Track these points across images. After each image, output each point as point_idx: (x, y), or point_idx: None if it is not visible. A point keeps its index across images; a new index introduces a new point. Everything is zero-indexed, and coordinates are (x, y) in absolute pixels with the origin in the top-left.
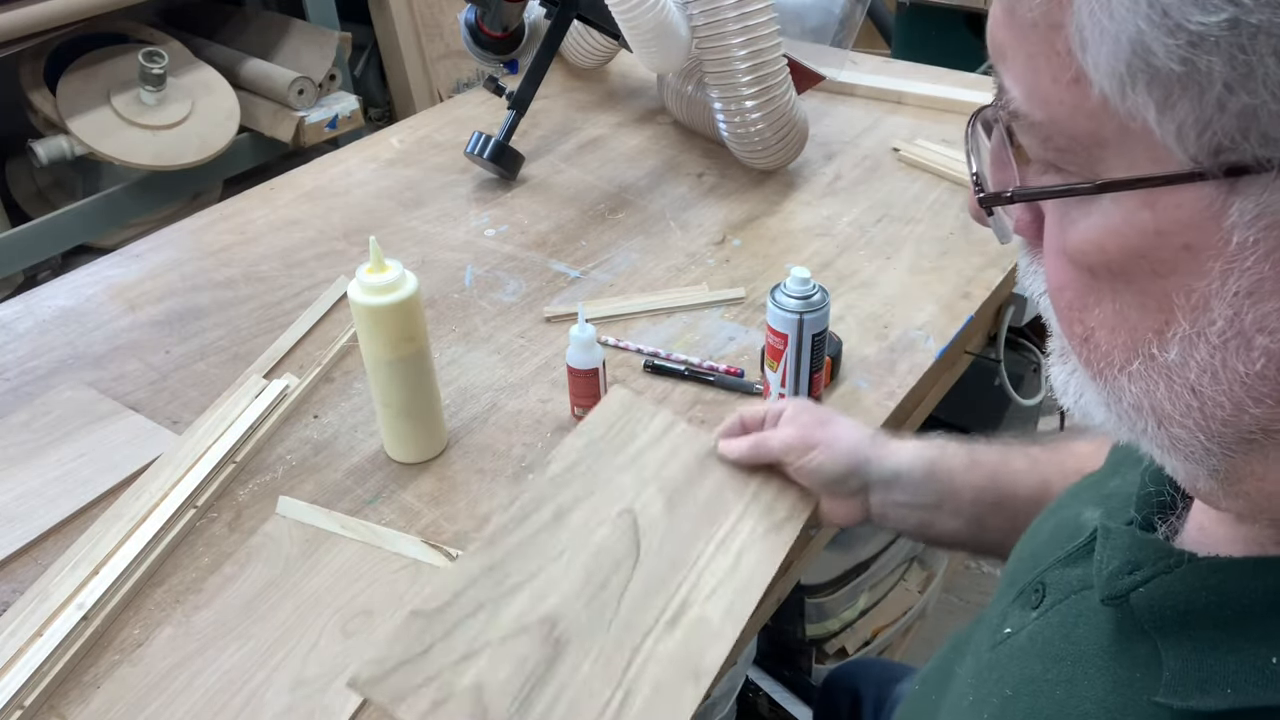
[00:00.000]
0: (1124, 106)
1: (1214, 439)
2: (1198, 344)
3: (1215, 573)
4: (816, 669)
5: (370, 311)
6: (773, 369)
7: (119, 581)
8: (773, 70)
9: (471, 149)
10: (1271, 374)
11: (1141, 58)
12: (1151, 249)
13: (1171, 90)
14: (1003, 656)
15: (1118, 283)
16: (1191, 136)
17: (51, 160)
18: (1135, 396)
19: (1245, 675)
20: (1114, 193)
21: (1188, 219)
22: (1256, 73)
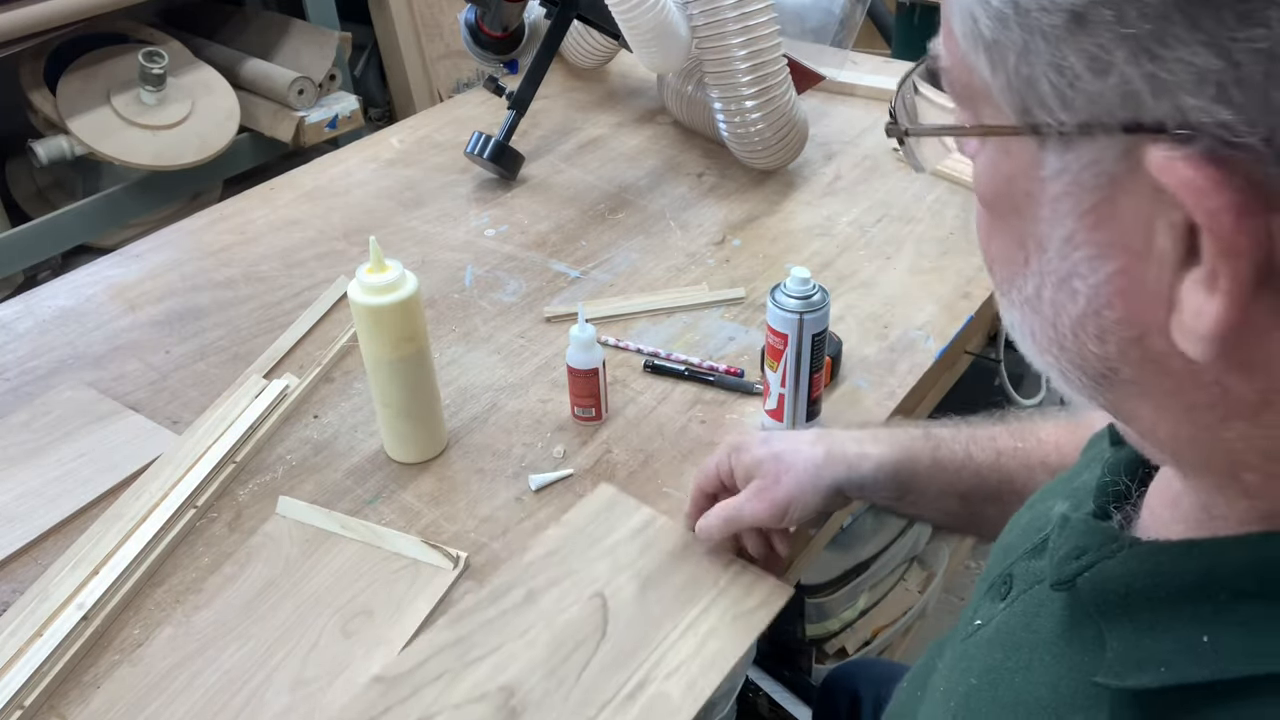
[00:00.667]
0: (974, 64)
1: (1079, 371)
2: (1045, 282)
3: (1152, 555)
4: (816, 669)
5: (370, 311)
6: (773, 369)
7: (119, 581)
8: (773, 70)
9: (471, 149)
10: (1091, 315)
11: (973, 24)
12: (1008, 191)
13: (993, 54)
14: (971, 647)
15: (999, 218)
16: (1009, 95)
17: (51, 160)
18: (1020, 323)
19: (1179, 654)
20: (982, 137)
21: (1023, 169)
22: (1032, 48)
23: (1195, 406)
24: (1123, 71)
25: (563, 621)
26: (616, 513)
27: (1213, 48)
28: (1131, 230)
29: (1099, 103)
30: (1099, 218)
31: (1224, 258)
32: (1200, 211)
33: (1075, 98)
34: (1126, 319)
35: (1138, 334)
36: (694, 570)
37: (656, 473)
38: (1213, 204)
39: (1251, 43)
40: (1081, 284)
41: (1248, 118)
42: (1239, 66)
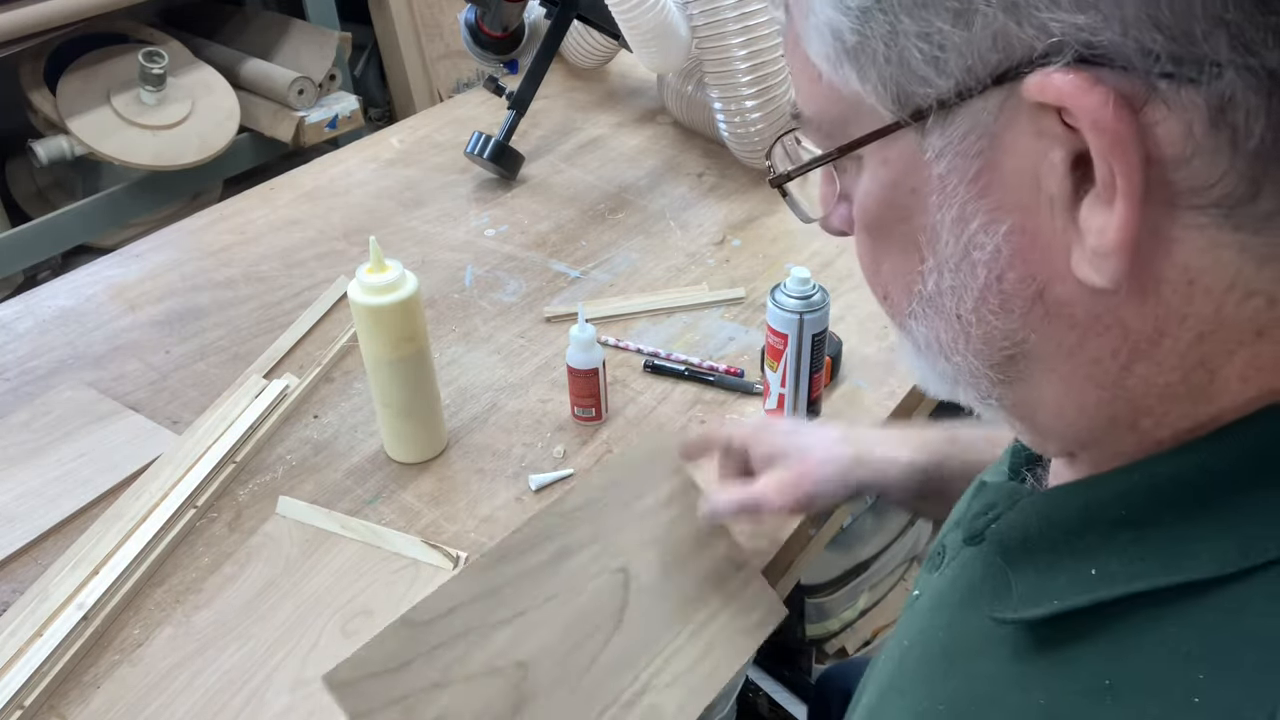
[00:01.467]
0: (842, 85)
1: (986, 362)
2: (943, 272)
3: (1044, 500)
4: (816, 669)
5: (370, 311)
6: (773, 369)
7: (119, 581)
8: (773, 70)
9: (471, 149)
10: (993, 284)
11: (837, 39)
12: (893, 198)
13: (859, 58)
14: (910, 617)
15: (885, 237)
16: (882, 92)
17: (51, 160)
18: (924, 336)
19: (1069, 587)
20: (867, 158)
21: (906, 165)
22: (897, 29)
23: (1099, 360)
24: (984, 11)
25: (587, 594)
26: (657, 469)
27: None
28: (1018, 185)
29: (970, 55)
30: (985, 183)
31: (1115, 153)
32: (1084, 113)
33: (947, 59)
34: (1027, 275)
35: (1039, 288)
36: (711, 565)
37: None
38: (1093, 101)
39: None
40: (980, 254)
41: (1100, 16)
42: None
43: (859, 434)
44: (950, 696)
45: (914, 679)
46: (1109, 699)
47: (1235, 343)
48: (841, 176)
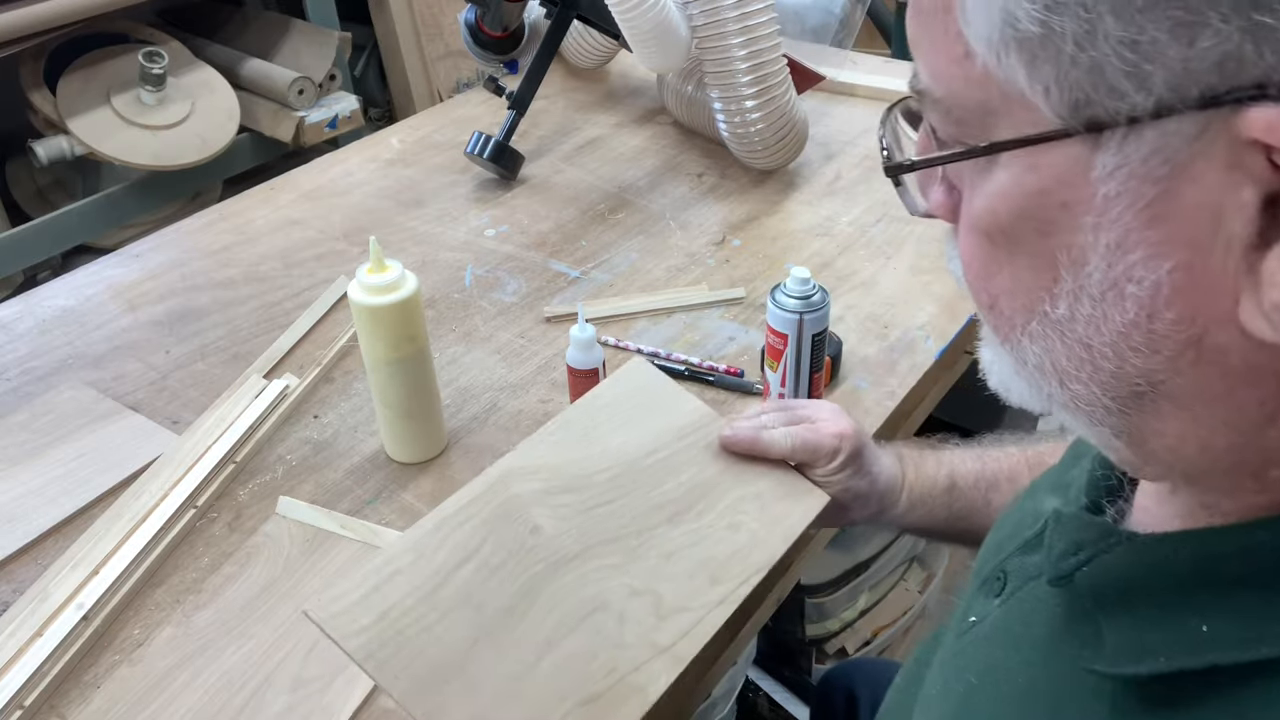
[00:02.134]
0: (1001, 73)
1: (1109, 394)
2: (1081, 298)
3: (1149, 548)
4: (816, 669)
5: (370, 311)
6: (773, 369)
7: (119, 581)
8: (773, 70)
9: (471, 149)
10: (1143, 322)
11: (1009, 24)
12: (1036, 209)
13: (1035, 52)
14: (967, 645)
15: (1011, 246)
16: (1055, 95)
17: (51, 160)
18: (1037, 356)
19: (1177, 643)
20: (1005, 156)
21: (1062, 176)
22: (1098, 29)
23: (1244, 407)
24: (1219, 30)
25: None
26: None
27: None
28: (1194, 220)
29: (1183, 74)
30: (1157, 213)
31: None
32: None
33: (1153, 74)
34: (1186, 317)
35: (1197, 333)
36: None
37: None
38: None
39: None
40: (1135, 288)
41: None
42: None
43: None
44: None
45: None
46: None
47: None
48: (929, 185)
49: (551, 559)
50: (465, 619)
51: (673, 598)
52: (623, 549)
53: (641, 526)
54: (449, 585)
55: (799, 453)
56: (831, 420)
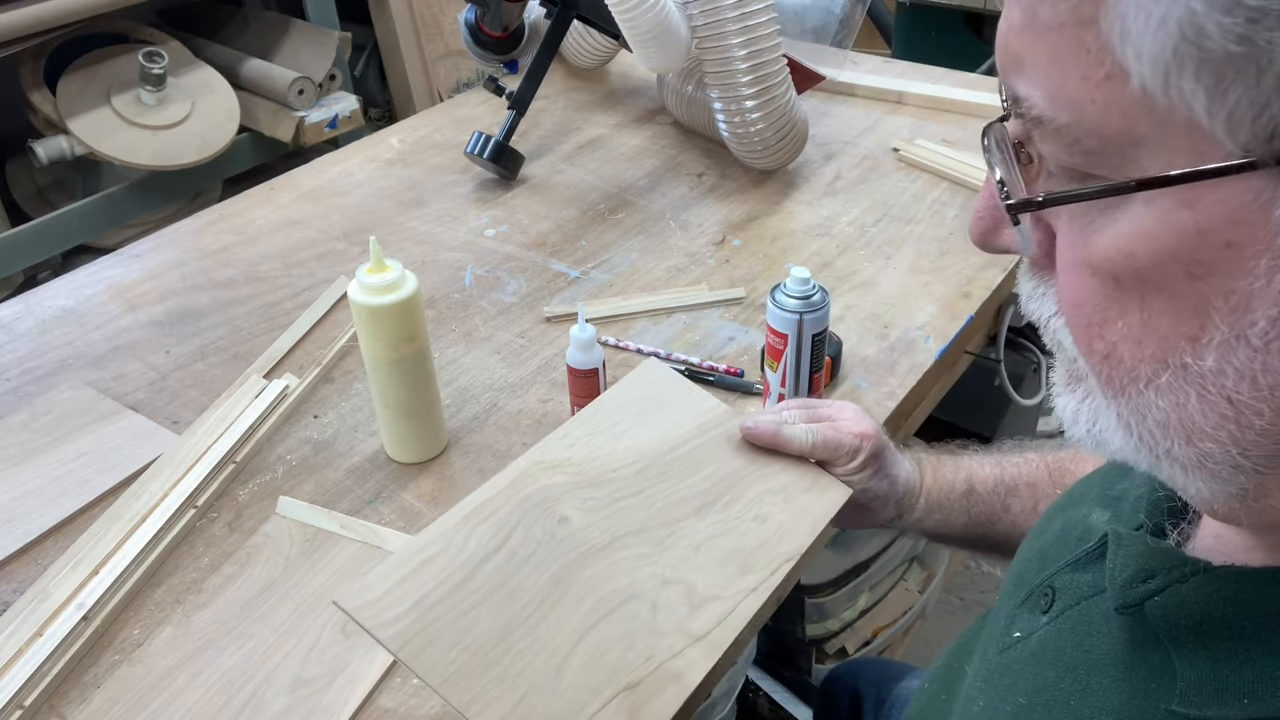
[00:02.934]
0: (1167, 97)
1: (1246, 453)
2: (1237, 348)
3: (1232, 583)
4: (816, 669)
5: (370, 311)
6: (773, 369)
7: (119, 581)
8: (773, 70)
9: (471, 149)
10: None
11: (1192, 41)
12: (1189, 250)
13: (1225, 73)
14: (1013, 661)
15: (1147, 290)
16: (1246, 122)
17: (51, 160)
18: (1163, 412)
19: (1263, 685)
20: (1148, 193)
21: (1233, 214)
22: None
23: None
24: None
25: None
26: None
27: None
28: None
29: None
30: None
31: None
32: None
33: None
34: None
35: None
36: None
37: None
38: None
39: None
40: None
41: None
42: None
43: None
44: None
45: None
46: None
47: None
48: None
49: (581, 549)
50: (498, 608)
51: (705, 587)
52: (652, 539)
53: (669, 518)
54: (480, 574)
55: (819, 450)
56: (853, 420)
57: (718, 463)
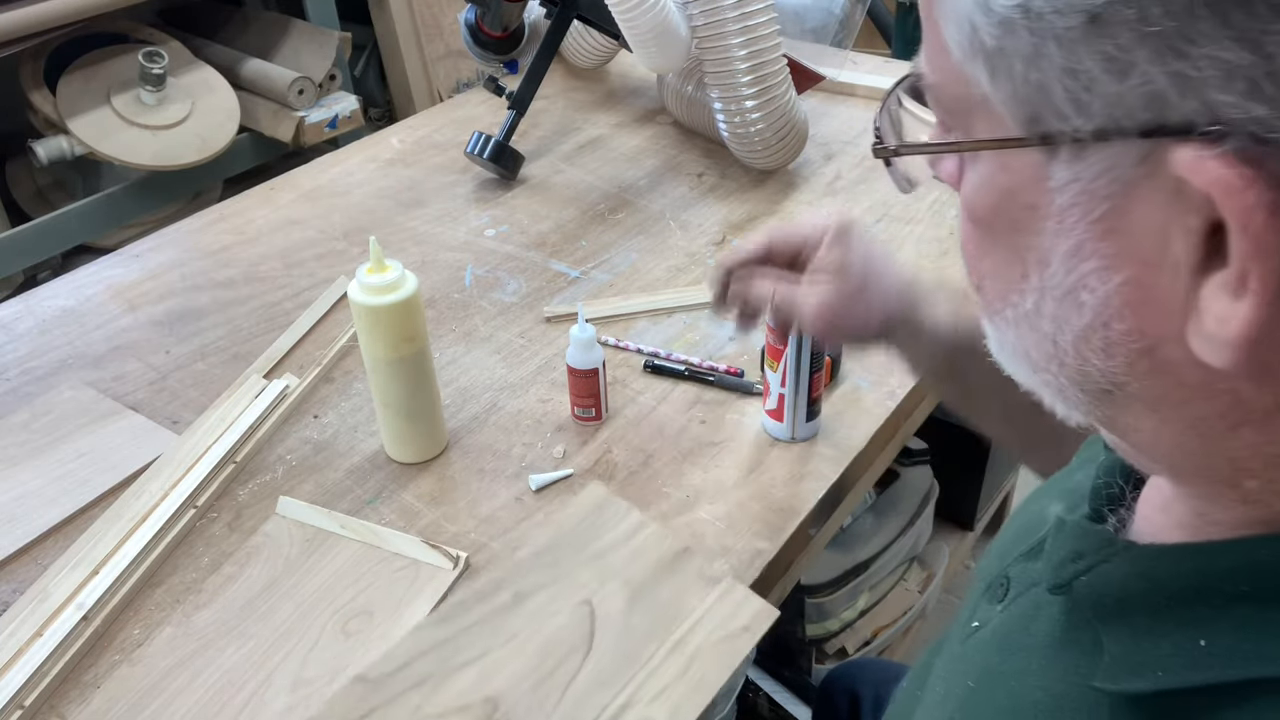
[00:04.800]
0: (970, 76)
1: (1076, 387)
2: (1045, 297)
3: (1148, 559)
4: (816, 669)
5: (370, 311)
6: (773, 369)
7: (119, 581)
8: (773, 70)
9: (471, 149)
10: (1099, 328)
11: (972, 34)
12: (1007, 207)
13: (994, 64)
14: (970, 650)
15: (992, 235)
16: (1014, 108)
17: (51, 160)
18: (1013, 342)
19: (1176, 658)
20: (975, 152)
21: (1026, 181)
22: (1044, 54)
23: (1205, 417)
24: (1145, 71)
25: (550, 629)
26: (606, 515)
27: (1243, 43)
28: (1144, 238)
29: (1118, 106)
30: (1109, 227)
31: (1256, 258)
32: (1232, 211)
33: (1091, 102)
34: (1137, 330)
35: (1148, 345)
36: (682, 583)
37: (657, 473)
38: (1246, 202)
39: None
40: (1089, 296)
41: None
42: (1271, 60)
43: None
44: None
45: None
46: None
47: None
48: (941, 161)
49: None
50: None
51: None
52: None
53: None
54: None
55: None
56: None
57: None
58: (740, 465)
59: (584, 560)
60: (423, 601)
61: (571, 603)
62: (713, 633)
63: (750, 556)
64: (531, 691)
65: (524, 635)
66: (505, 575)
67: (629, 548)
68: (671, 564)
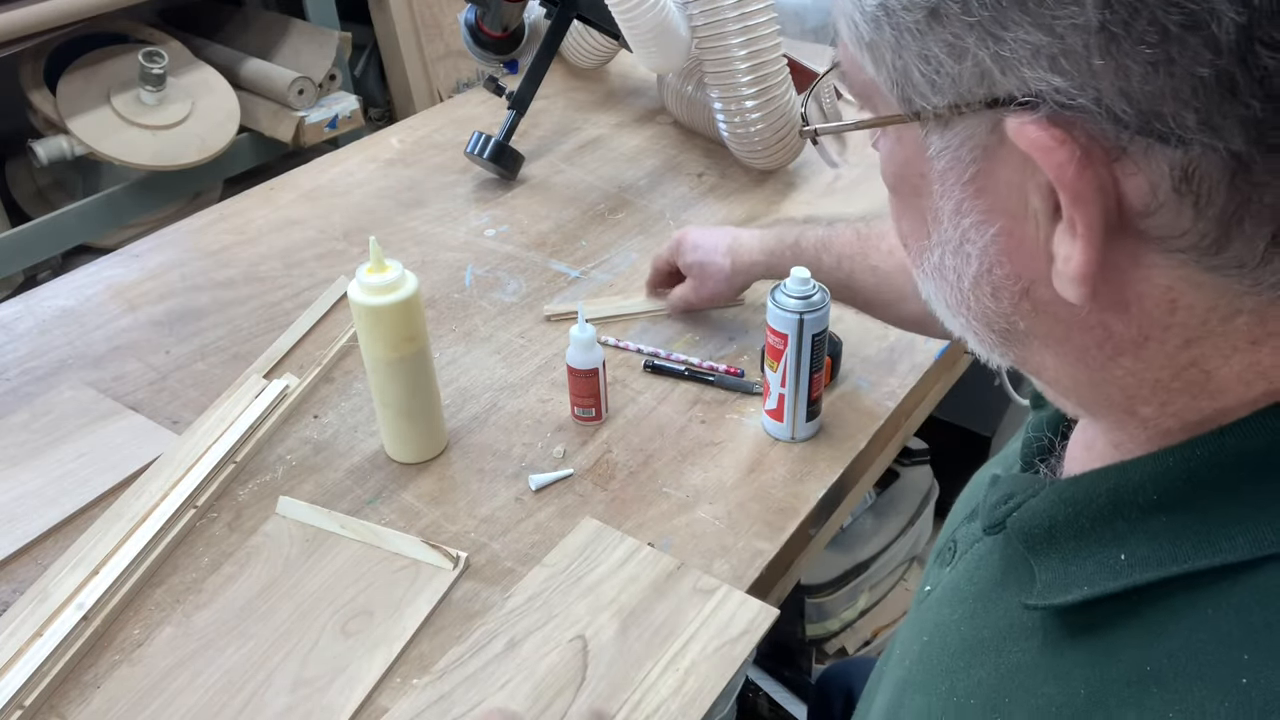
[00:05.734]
0: (861, 63)
1: (986, 329)
2: (945, 252)
3: (1068, 487)
4: (816, 669)
5: (370, 311)
6: (773, 369)
7: (119, 581)
8: (773, 70)
9: (471, 149)
10: (984, 275)
11: (854, 28)
12: (906, 174)
13: (873, 53)
14: (923, 611)
15: (903, 200)
16: (892, 89)
17: (51, 160)
18: (933, 291)
19: (1098, 572)
20: (882, 129)
21: (914, 152)
22: (902, 43)
23: (1086, 348)
24: (975, 54)
25: (543, 669)
26: (600, 547)
27: (1041, 27)
28: (1008, 195)
29: (961, 84)
30: (979, 187)
31: (1075, 205)
32: (1049, 166)
33: (941, 82)
34: (1014, 274)
35: (1025, 286)
36: (676, 601)
37: (656, 473)
38: (1058, 158)
39: (1071, 19)
40: (972, 247)
41: (1076, 82)
42: (1063, 39)
43: (737, 242)
44: (977, 689)
45: (934, 673)
46: (1153, 685)
47: (1229, 349)
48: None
49: None
50: None
51: None
52: None
53: None
54: None
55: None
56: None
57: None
58: (740, 465)
59: (577, 595)
60: (423, 602)
61: (564, 640)
62: (709, 643)
63: (750, 556)
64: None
65: (517, 680)
66: (498, 626)
67: (621, 575)
68: (665, 584)
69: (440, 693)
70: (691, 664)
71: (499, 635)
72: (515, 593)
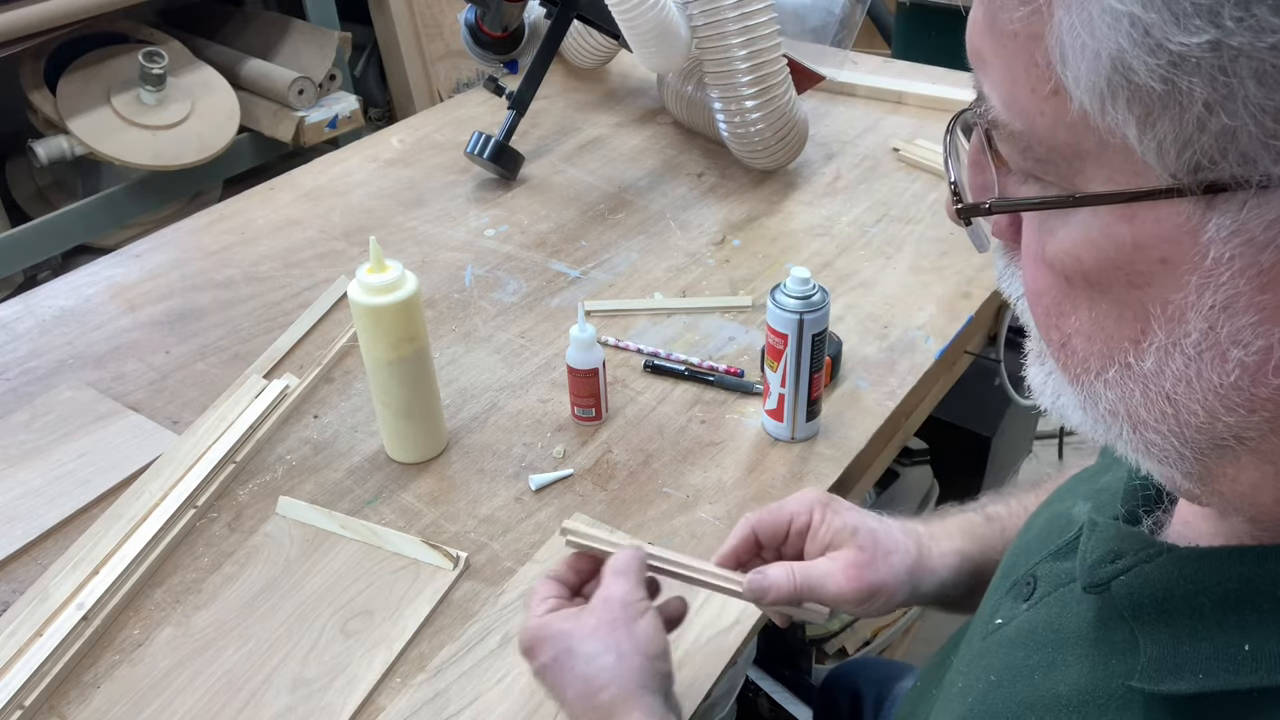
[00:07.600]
0: (1104, 121)
1: (1188, 444)
2: (1173, 354)
3: (1193, 562)
4: (816, 669)
5: (370, 311)
6: (773, 369)
7: (119, 581)
8: (773, 70)
9: (471, 149)
10: (1245, 385)
11: (1122, 75)
12: (1128, 261)
13: (1152, 108)
14: (992, 645)
15: (1094, 292)
16: (1171, 154)
17: (51, 160)
18: (1111, 402)
19: (1218, 661)
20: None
21: (1165, 233)
22: (1237, 95)
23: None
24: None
25: None
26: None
27: None
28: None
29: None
30: (1273, 279)
31: None
32: None
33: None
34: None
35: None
36: (670, 591)
37: (656, 473)
38: None
39: None
40: (1240, 352)
41: None
42: None
43: (916, 527)
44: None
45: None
46: None
47: None
48: (1022, 187)
49: None
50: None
51: None
52: None
53: None
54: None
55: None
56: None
57: None
58: (740, 465)
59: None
60: (423, 602)
61: None
62: (701, 633)
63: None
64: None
65: (513, 675)
66: (492, 622)
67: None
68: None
69: (435, 691)
70: (684, 655)
71: (492, 632)
72: (507, 589)
